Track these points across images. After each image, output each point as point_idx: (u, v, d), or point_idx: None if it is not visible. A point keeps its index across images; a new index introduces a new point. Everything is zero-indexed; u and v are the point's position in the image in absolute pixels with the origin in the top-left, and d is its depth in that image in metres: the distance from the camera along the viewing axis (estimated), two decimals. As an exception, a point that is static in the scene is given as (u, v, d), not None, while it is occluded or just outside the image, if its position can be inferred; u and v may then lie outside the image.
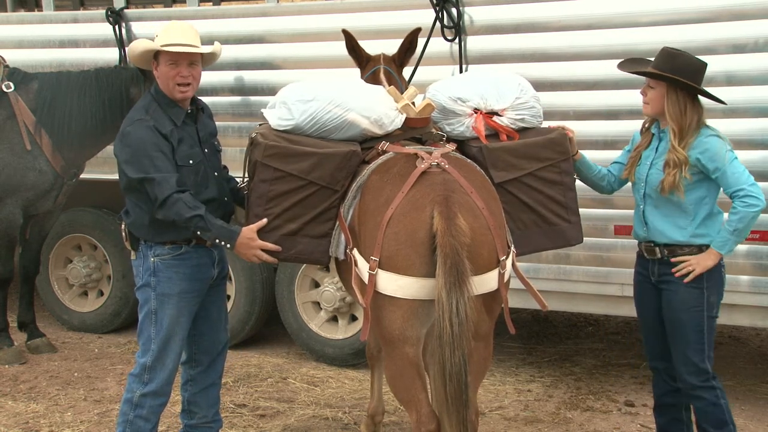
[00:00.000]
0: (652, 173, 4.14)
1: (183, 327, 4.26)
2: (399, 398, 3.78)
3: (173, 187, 3.95)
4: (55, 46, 6.91)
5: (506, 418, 5.46)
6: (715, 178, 4.04)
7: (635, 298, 4.45)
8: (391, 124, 4.20)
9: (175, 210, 3.94)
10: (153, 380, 4.22)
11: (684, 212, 4.10)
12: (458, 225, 3.37)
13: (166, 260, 4.18)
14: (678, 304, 4.13)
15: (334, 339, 6.48)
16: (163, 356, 4.21)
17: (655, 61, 4.11)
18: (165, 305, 4.18)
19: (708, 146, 4.02)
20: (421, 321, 3.54)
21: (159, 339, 4.20)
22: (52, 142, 6.30)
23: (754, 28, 4.92)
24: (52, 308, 7.57)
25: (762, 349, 6.82)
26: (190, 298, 4.24)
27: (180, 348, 4.30)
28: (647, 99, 4.14)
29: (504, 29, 5.53)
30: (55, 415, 5.57)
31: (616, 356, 6.65)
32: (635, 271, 4.41)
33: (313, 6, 6.24)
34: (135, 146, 4.02)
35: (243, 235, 3.98)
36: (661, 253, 4.17)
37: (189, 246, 4.21)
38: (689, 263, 4.09)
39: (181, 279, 4.19)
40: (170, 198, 3.93)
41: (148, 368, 4.22)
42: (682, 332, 4.14)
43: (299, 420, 5.48)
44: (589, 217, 4.72)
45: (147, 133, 4.02)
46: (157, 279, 4.18)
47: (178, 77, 4.09)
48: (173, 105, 4.15)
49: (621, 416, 5.47)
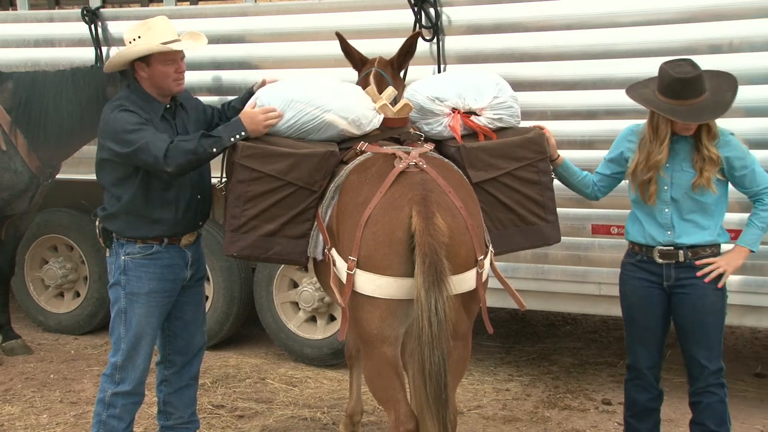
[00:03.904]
0: (677, 176, 4.05)
1: (153, 327, 4.25)
2: (377, 398, 3.78)
3: (167, 140, 3.94)
4: (30, 46, 6.84)
5: (485, 417, 5.47)
6: (740, 176, 4.05)
7: (630, 302, 4.28)
8: (369, 125, 4.20)
9: (180, 151, 3.91)
10: (125, 380, 4.21)
11: (705, 212, 4.07)
12: (436, 224, 3.38)
13: (136, 259, 4.17)
14: (706, 307, 4.08)
15: (312, 339, 6.47)
16: (133, 355, 4.20)
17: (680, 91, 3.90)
18: (134, 304, 4.18)
19: (734, 146, 4.04)
20: (399, 321, 3.54)
21: (128, 338, 4.19)
22: (28, 142, 6.24)
23: (730, 28, 4.96)
24: (28, 309, 7.51)
25: (737, 347, 6.88)
26: (159, 298, 4.22)
27: (151, 348, 4.27)
28: (692, 126, 3.97)
29: (482, 29, 5.53)
30: (31, 417, 5.52)
31: (593, 355, 6.68)
32: (632, 276, 4.25)
33: (292, 6, 6.21)
34: (121, 125, 4.00)
35: (244, 116, 4.06)
36: (684, 256, 4.09)
37: (161, 246, 4.20)
38: (718, 265, 4.06)
39: (150, 278, 4.18)
40: (170, 147, 3.90)
41: (119, 367, 4.21)
42: (705, 335, 4.11)
43: (278, 420, 5.46)
44: (566, 216, 4.74)
45: (126, 114, 4.03)
46: (127, 278, 4.18)
47: (175, 73, 4.13)
48: (151, 100, 4.16)
49: (598, 414, 5.50)
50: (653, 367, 4.29)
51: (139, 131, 3.96)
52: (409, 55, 4.64)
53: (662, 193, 4.09)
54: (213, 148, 3.97)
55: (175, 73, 4.13)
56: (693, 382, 4.22)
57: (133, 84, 4.19)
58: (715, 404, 4.16)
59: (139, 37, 4.10)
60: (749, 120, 4.99)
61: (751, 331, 7.18)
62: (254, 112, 4.08)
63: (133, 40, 4.11)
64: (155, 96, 4.17)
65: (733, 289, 5.13)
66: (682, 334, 4.20)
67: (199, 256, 4.45)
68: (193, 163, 3.98)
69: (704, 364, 4.14)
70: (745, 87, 4.90)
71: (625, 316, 4.37)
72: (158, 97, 4.18)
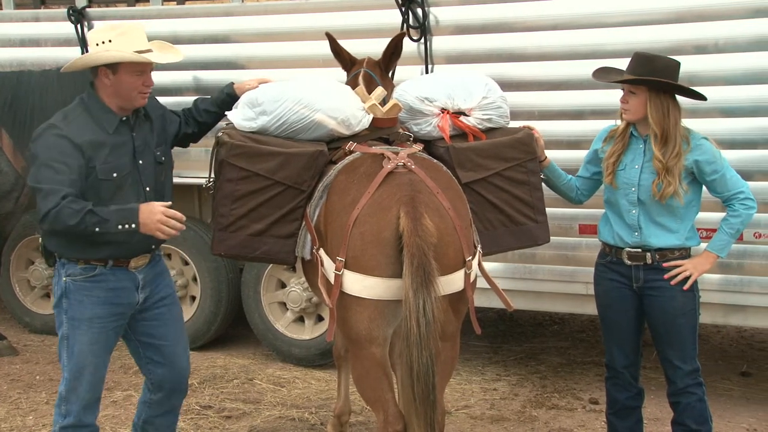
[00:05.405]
0: (645, 177, 4.05)
1: (98, 355, 3.86)
2: (366, 398, 3.78)
3: (58, 199, 3.54)
4: (16, 45, 6.79)
5: (472, 416, 5.48)
6: (711, 180, 4.03)
7: (603, 303, 4.31)
8: (359, 125, 4.20)
9: (61, 220, 3.54)
10: (70, 413, 3.85)
11: (675, 216, 4.06)
12: (425, 225, 3.38)
13: (77, 281, 3.80)
14: (675, 310, 4.08)
15: (300, 339, 6.47)
16: (75, 386, 3.84)
17: (631, 66, 4.04)
18: (76, 330, 3.81)
19: (705, 150, 4.02)
20: (387, 321, 3.55)
21: (71, 367, 3.84)
22: (13, 142, 6.23)
23: (716, 28, 4.99)
24: (14, 310, 7.47)
25: (723, 346, 6.92)
26: (103, 324, 3.83)
27: (96, 376, 3.89)
28: (628, 106, 4.03)
29: (470, 29, 5.54)
30: (17, 419, 5.49)
31: (580, 354, 6.71)
32: (604, 277, 4.28)
33: (278, 6, 6.20)
34: (38, 153, 3.66)
35: (144, 209, 3.62)
36: (652, 258, 4.09)
37: (105, 267, 3.82)
38: (685, 268, 4.06)
39: (93, 303, 3.80)
40: (53, 209, 3.53)
41: (63, 398, 3.86)
42: (678, 336, 4.12)
43: (265, 421, 5.45)
44: (554, 216, 4.75)
45: (55, 141, 3.66)
46: (69, 301, 3.81)
47: (142, 86, 3.82)
48: (107, 111, 3.81)
49: (585, 414, 5.52)
50: (629, 366, 4.30)
51: (51, 169, 3.60)
52: (395, 56, 4.63)
53: (629, 194, 4.10)
54: (96, 228, 3.57)
55: (142, 86, 3.80)
56: (670, 383, 4.24)
57: (90, 93, 3.85)
58: (695, 403, 4.18)
59: (110, 41, 3.75)
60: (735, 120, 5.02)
61: (736, 330, 7.22)
62: (156, 209, 3.63)
63: (102, 43, 3.76)
64: (113, 108, 3.82)
65: (718, 288, 5.20)
66: (656, 336, 4.22)
67: (155, 277, 4.03)
68: (72, 233, 3.63)
69: (678, 365, 4.15)
70: (730, 87, 4.97)
71: (599, 316, 4.41)
72: (116, 110, 3.82)
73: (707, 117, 4.87)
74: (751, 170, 4.90)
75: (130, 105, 3.85)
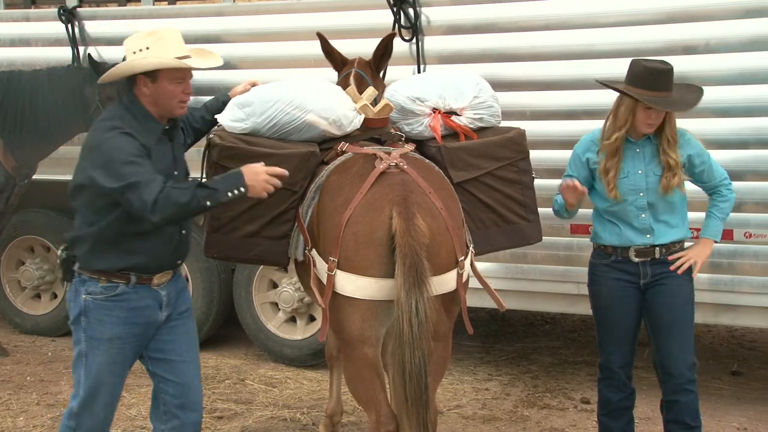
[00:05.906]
0: (651, 180, 4.10)
1: (116, 374, 3.72)
2: (358, 399, 3.78)
3: (160, 184, 3.39)
4: (6, 45, 6.78)
5: (464, 416, 5.48)
6: (699, 172, 4.19)
7: (606, 303, 4.28)
8: (350, 125, 4.20)
9: (171, 200, 3.37)
10: (80, 427, 3.72)
11: (674, 212, 4.17)
12: (417, 225, 3.38)
13: (98, 300, 3.63)
14: (683, 297, 4.19)
15: (292, 340, 6.46)
16: (90, 403, 3.69)
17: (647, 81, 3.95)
18: (95, 350, 3.65)
19: (693, 144, 4.18)
20: (380, 321, 3.54)
21: (87, 385, 3.68)
22: (4, 142, 6.19)
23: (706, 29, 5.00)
24: (4, 311, 7.44)
25: (713, 346, 6.94)
26: (123, 344, 3.67)
27: (113, 395, 3.76)
28: (652, 121, 4.01)
29: (462, 29, 5.55)
30: (7, 420, 5.47)
31: (572, 354, 6.72)
32: (608, 277, 4.24)
33: (270, 6, 6.20)
34: (116, 153, 3.43)
35: (247, 171, 3.50)
36: (660, 252, 4.16)
37: (127, 285, 3.63)
38: (689, 257, 4.17)
39: (114, 323, 3.63)
40: (160, 194, 3.36)
41: (75, 414, 3.72)
42: (683, 325, 4.18)
43: (257, 421, 5.45)
44: (545, 215, 4.75)
45: (125, 139, 3.47)
46: (88, 320, 3.64)
47: (182, 94, 3.64)
48: (150, 119, 3.63)
49: (577, 413, 5.53)
50: (625, 366, 4.32)
51: (135, 164, 3.42)
52: (385, 56, 4.62)
53: (638, 200, 4.13)
54: (207, 202, 3.44)
55: (181, 94, 3.62)
56: (668, 378, 4.23)
57: (131, 99, 3.65)
58: (692, 401, 4.22)
59: (147, 48, 3.56)
60: (727, 120, 5.03)
61: (727, 330, 7.24)
62: (259, 169, 3.52)
63: (139, 51, 3.58)
64: (155, 115, 3.65)
65: (709, 288, 5.21)
66: (657, 330, 4.23)
67: (179, 292, 3.86)
68: (182, 215, 3.53)
69: (680, 357, 4.17)
70: (722, 87, 4.98)
71: (598, 316, 4.38)
72: (157, 117, 3.66)
73: (699, 117, 4.88)
74: (743, 170, 4.94)
75: (170, 114, 3.68)
